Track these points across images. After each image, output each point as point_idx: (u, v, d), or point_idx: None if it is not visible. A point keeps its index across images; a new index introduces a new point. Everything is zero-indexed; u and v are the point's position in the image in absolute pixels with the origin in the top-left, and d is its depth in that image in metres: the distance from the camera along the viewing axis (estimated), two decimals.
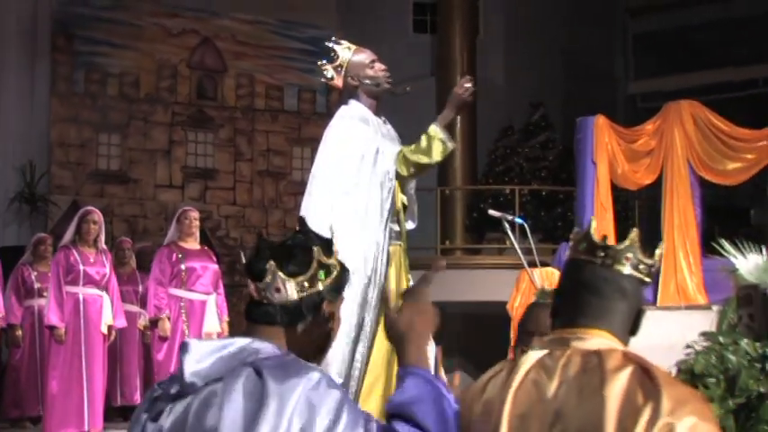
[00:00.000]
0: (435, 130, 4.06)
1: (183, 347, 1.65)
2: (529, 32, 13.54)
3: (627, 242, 1.74)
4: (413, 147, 4.07)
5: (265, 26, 12.44)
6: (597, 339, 1.67)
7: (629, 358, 1.63)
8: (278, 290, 1.71)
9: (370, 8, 12.95)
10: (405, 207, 4.27)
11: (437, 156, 4.05)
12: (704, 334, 5.62)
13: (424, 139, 4.05)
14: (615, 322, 1.70)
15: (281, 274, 1.71)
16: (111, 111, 11.63)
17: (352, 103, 4.16)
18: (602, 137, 8.50)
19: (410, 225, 4.34)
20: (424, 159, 4.06)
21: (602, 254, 1.72)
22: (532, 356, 1.68)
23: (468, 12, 12.79)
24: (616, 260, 1.72)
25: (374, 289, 3.98)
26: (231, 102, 12.31)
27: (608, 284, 1.71)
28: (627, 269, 1.72)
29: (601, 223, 7.76)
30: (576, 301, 1.72)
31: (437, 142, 4.04)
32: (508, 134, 12.91)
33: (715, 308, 6.74)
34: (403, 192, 4.26)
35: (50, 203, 11.09)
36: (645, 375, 1.58)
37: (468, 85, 4.03)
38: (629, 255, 1.73)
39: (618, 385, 1.56)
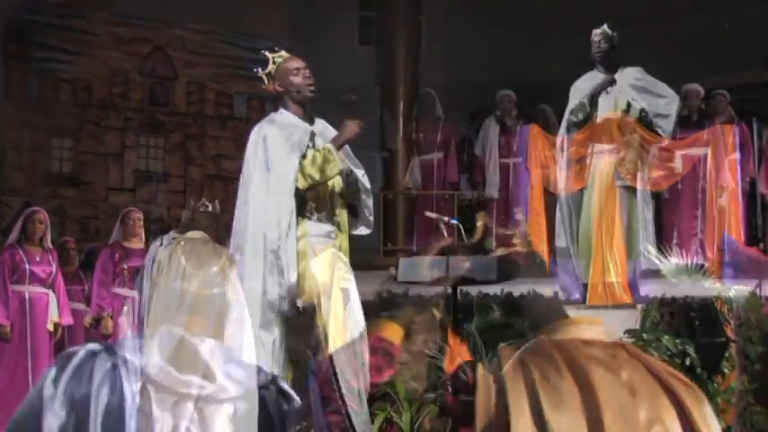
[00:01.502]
0: (331, 150, 3.95)
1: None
2: (469, 46, 13.54)
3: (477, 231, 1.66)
4: (310, 161, 3.95)
5: (216, 36, 12.28)
6: (596, 327, 1.60)
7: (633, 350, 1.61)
8: None
9: (318, 20, 12.84)
10: (352, 209, 4.20)
11: (331, 173, 3.95)
12: (629, 331, 5.63)
13: (319, 156, 3.94)
14: None
15: None
16: (64, 115, 11.39)
17: (280, 110, 4.12)
18: (536, 145, 8.50)
19: (364, 231, 4.31)
20: (316, 176, 3.94)
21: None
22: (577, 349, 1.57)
23: (410, 25, 12.77)
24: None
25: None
26: (182, 108, 12.13)
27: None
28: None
29: (535, 226, 7.75)
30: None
31: (333, 162, 3.94)
32: None
33: (639, 307, 6.76)
34: (352, 199, 4.17)
35: (3, 205, 10.83)
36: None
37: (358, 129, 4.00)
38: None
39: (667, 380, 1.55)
